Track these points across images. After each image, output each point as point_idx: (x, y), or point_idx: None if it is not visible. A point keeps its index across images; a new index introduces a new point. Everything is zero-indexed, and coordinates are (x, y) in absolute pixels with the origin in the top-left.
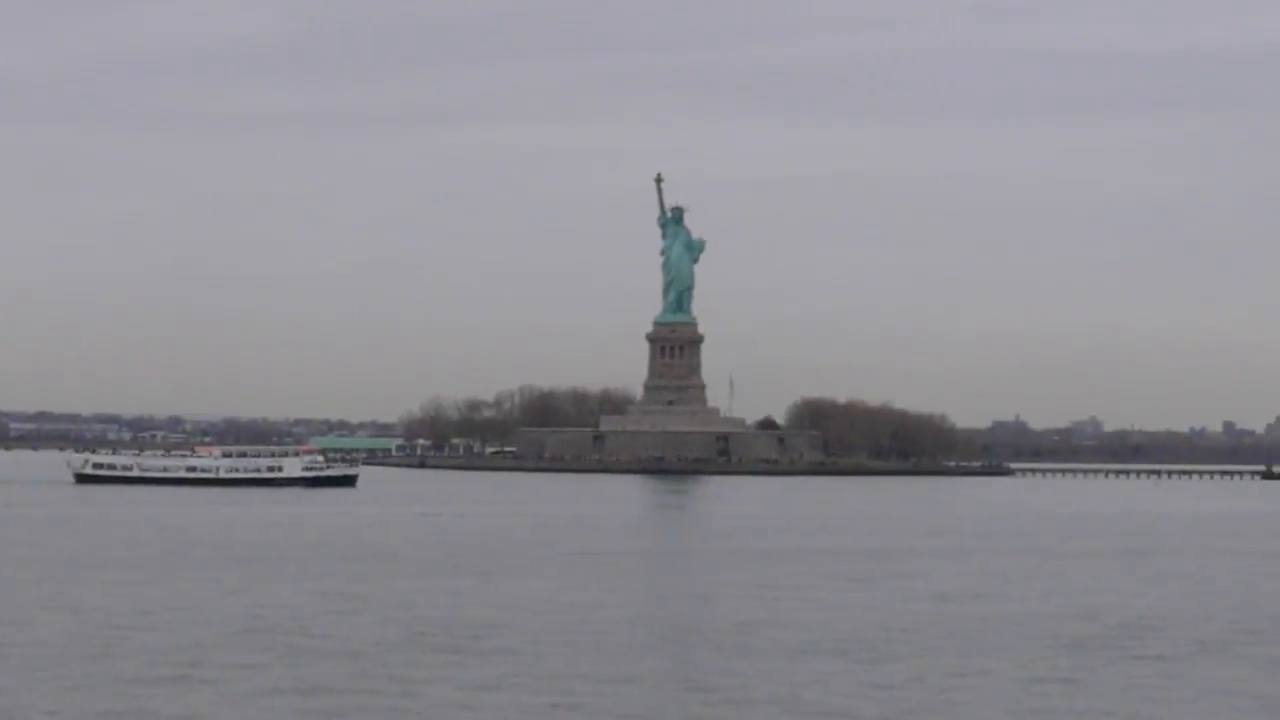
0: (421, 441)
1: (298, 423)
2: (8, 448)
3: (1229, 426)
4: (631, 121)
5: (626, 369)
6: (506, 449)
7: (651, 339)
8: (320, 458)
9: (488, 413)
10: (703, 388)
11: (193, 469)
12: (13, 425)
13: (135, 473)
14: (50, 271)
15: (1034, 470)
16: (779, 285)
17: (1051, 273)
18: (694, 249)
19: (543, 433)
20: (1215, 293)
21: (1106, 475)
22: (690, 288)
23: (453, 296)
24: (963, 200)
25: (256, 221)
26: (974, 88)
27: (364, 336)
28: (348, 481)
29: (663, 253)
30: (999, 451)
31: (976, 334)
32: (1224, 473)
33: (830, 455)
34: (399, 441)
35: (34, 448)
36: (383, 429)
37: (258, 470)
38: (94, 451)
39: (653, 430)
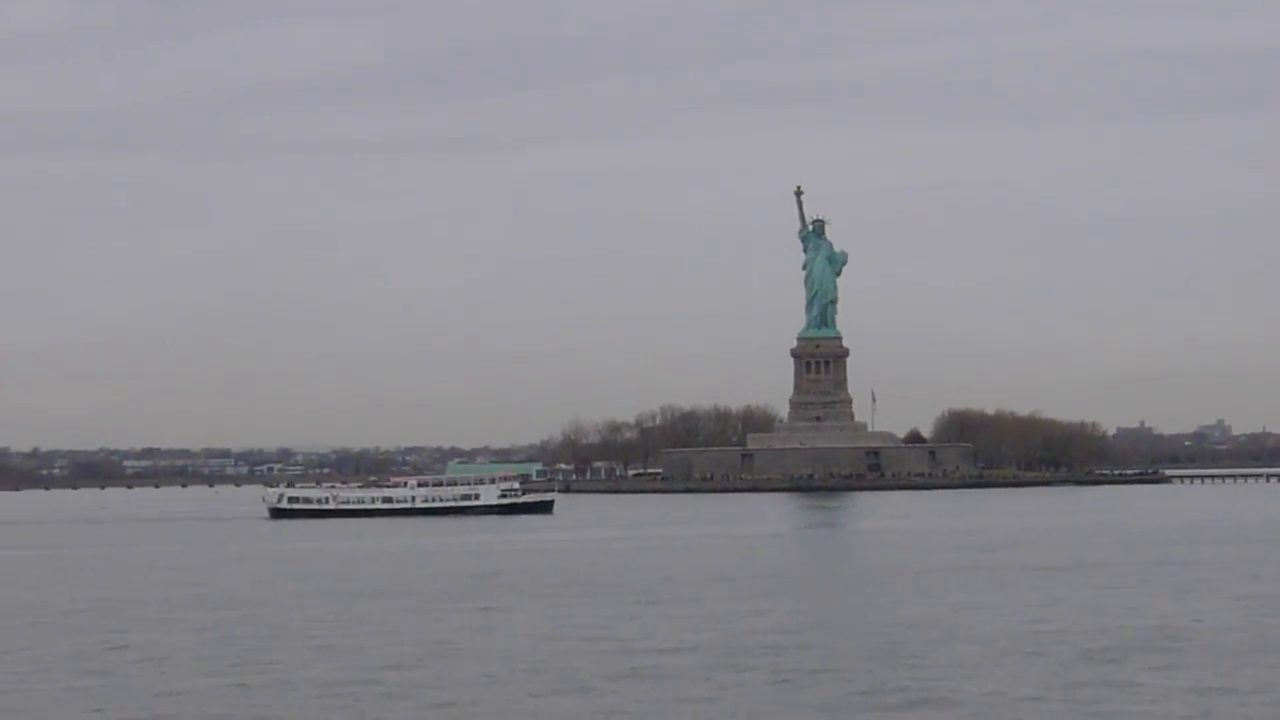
0: (562, 466)
1: (410, 450)
2: (129, 486)
3: None
4: (763, 134)
5: (766, 385)
6: (649, 470)
7: (796, 355)
8: (517, 485)
9: (628, 434)
10: (850, 402)
11: (388, 500)
12: (126, 463)
13: (331, 505)
14: (150, 306)
15: (1191, 477)
16: (907, 296)
17: (1169, 278)
18: (836, 262)
19: (689, 453)
20: None
21: (1267, 480)
22: (834, 301)
23: (571, 317)
24: (1083, 206)
25: (359, 248)
26: (1098, 89)
27: (471, 361)
28: (545, 508)
29: (804, 267)
30: (1133, 459)
31: (1096, 341)
32: None
33: (981, 467)
34: (539, 466)
35: (155, 485)
36: (500, 454)
37: (454, 499)
38: (289, 485)
39: (801, 447)
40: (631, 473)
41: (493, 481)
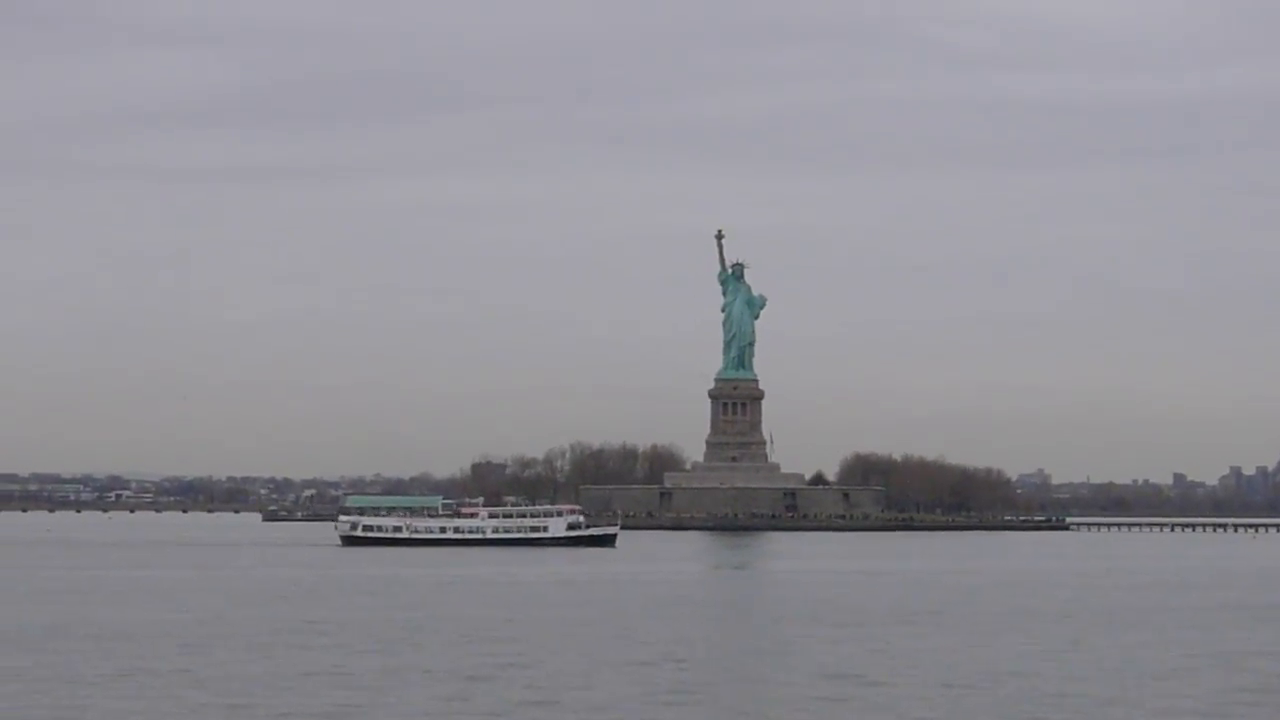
0: (468, 499)
1: (245, 480)
2: None
3: (1179, 479)
4: (687, 173)
5: (670, 425)
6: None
7: (714, 395)
8: (582, 518)
9: (537, 470)
10: (764, 443)
11: (459, 530)
12: None
13: (404, 534)
14: None
15: (1093, 525)
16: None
17: (993, 327)
18: (754, 305)
19: (608, 490)
20: (1163, 348)
21: (1169, 529)
22: (751, 344)
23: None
24: (908, 254)
25: (200, 275)
26: (924, 137)
27: (307, 391)
28: (608, 541)
29: (723, 309)
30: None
31: (919, 388)
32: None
33: (886, 509)
34: (441, 499)
35: (23, 509)
36: (353, 485)
37: (523, 530)
38: (361, 514)
39: (720, 487)
40: None
41: (559, 515)
